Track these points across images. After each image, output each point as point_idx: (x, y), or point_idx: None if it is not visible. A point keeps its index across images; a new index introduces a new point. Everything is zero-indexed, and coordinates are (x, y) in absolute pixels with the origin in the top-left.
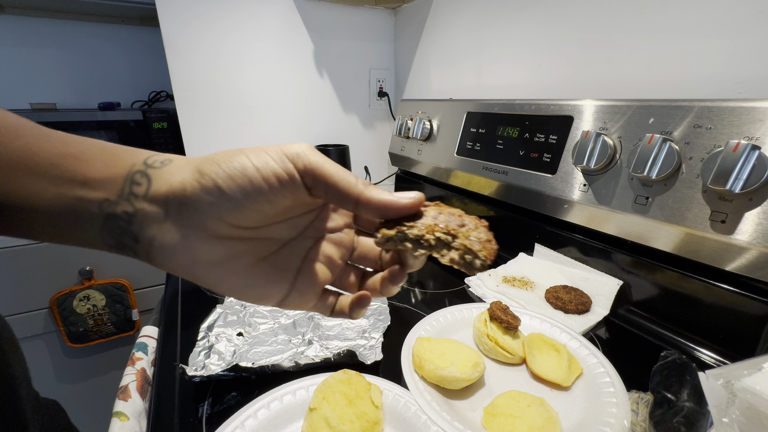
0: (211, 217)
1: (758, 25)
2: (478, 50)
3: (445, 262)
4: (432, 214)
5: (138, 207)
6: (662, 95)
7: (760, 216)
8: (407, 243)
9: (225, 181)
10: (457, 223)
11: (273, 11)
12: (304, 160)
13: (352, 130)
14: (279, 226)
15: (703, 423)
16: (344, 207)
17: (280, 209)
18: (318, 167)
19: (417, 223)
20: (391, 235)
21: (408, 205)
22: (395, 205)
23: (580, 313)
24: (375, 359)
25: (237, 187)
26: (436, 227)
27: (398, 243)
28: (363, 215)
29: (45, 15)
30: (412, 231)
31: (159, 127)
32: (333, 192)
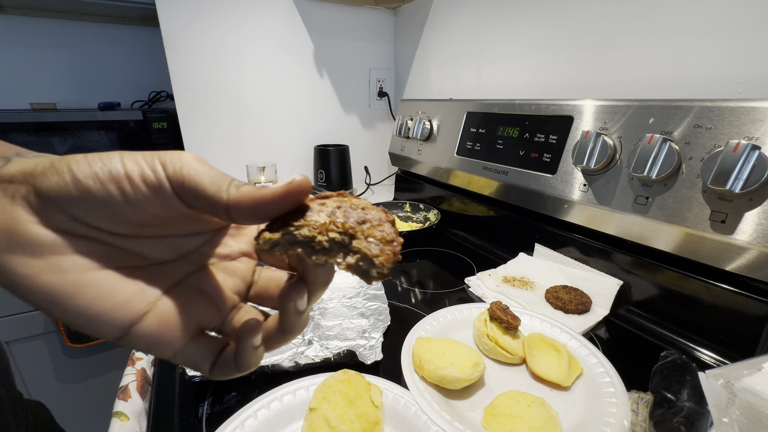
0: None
1: (758, 25)
2: (478, 50)
3: (342, 269)
4: (330, 208)
5: None
6: (662, 95)
7: (760, 216)
8: (297, 248)
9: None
10: (357, 219)
11: (273, 11)
12: (175, 165)
13: (352, 130)
14: (152, 243)
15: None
16: (218, 216)
17: (147, 218)
18: (187, 171)
19: (309, 221)
20: (275, 238)
21: (281, 194)
22: (268, 198)
23: (580, 313)
24: (375, 359)
25: (91, 174)
26: (331, 225)
27: (286, 248)
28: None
29: (45, 15)
30: (301, 231)
31: (159, 127)
32: (202, 198)
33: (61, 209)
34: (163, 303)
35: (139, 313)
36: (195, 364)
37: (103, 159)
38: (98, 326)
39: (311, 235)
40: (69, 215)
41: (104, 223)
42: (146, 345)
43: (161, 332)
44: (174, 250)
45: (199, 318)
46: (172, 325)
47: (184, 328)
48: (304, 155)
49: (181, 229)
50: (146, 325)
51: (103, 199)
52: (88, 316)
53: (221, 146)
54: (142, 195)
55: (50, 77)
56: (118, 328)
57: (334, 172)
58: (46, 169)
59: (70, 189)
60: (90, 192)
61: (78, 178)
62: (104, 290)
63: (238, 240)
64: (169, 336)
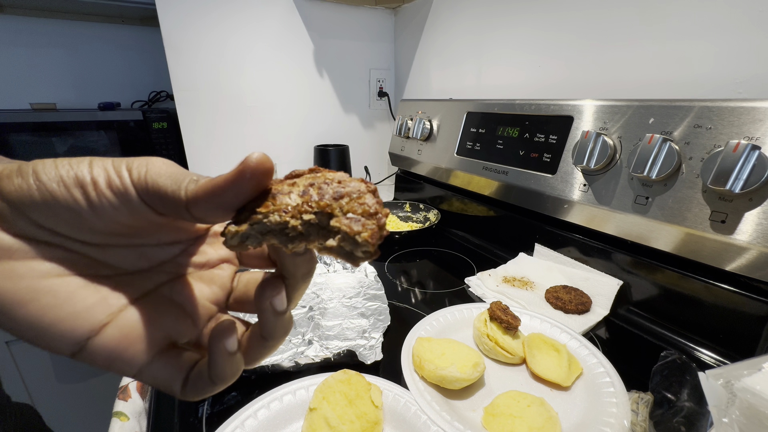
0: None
1: (758, 25)
2: (478, 50)
3: (325, 254)
4: (301, 187)
5: None
6: (662, 95)
7: (760, 216)
8: (271, 238)
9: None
10: (333, 194)
11: (273, 11)
12: (140, 170)
13: (352, 130)
14: (123, 252)
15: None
16: (183, 217)
17: (115, 226)
18: (150, 175)
19: (279, 205)
20: (242, 230)
21: (235, 176)
22: (222, 185)
23: (580, 313)
24: (375, 359)
25: (56, 178)
26: (304, 206)
27: (258, 240)
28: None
29: (45, 15)
30: (270, 218)
31: (159, 127)
32: (165, 199)
33: (22, 213)
34: (127, 313)
35: (99, 324)
36: (164, 382)
37: (72, 163)
38: (51, 338)
39: (283, 220)
40: (30, 220)
41: (69, 230)
42: (105, 360)
43: (122, 346)
44: (147, 260)
45: (168, 330)
46: (136, 337)
47: (150, 341)
48: (304, 155)
49: (155, 238)
50: (105, 337)
51: (67, 205)
52: (40, 325)
53: (221, 146)
54: (107, 201)
55: (50, 77)
56: (72, 340)
57: None
58: (11, 172)
59: (33, 192)
60: (54, 196)
61: (42, 181)
62: (61, 298)
63: (218, 247)
64: (132, 350)
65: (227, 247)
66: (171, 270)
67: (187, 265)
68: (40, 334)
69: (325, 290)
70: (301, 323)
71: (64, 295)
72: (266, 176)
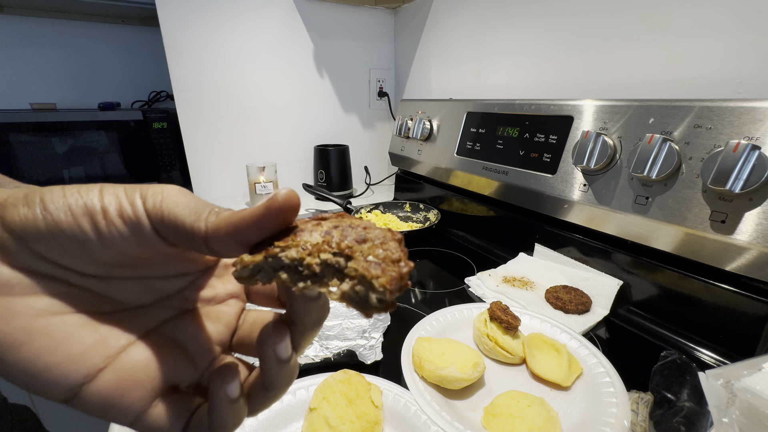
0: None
1: (758, 25)
2: (478, 50)
3: (336, 299)
4: (325, 228)
5: None
6: (662, 95)
7: (760, 216)
8: (282, 273)
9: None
10: (357, 238)
11: (273, 11)
12: (155, 198)
13: (352, 130)
14: (126, 285)
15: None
16: (199, 250)
17: (122, 257)
18: (166, 204)
19: (298, 241)
20: (257, 261)
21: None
22: (248, 220)
23: (580, 313)
24: (375, 359)
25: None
26: (324, 245)
27: (270, 275)
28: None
29: (45, 15)
30: (288, 253)
31: (159, 127)
32: (181, 230)
33: (25, 245)
34: (125, 356)
35: (95, 369)
36: (161, 429)
37: (81, 191)
38: (43, 384)
39: (300, 256)
40: (33, 252)
41: (72, 262)
42: (99, 409)
43: (118, 393)
44: (151, 294)
45: (169, 374)
46: (133, 383)
47: (149, 387)
48: (304, 155)
49: (161, 270)
50: (101, 383)
51: (74, 235)
52: (32, 370)
53: (221, 146)
54: (117, 231)
55: (50, 77)
56: (65, 387)
57: (334, 172)
58: (17, 200)
59: (38, 222)
60: (60, 227)
61: (48, 211)
62: (57, 340)
63: (226, 281)
64: (129, 398)
65: (236, 278)
66: (176, 305)
67: (193, 300)
68: (31, 379)
69: None
70: None
71: (61, 336)
72: (292, 213)
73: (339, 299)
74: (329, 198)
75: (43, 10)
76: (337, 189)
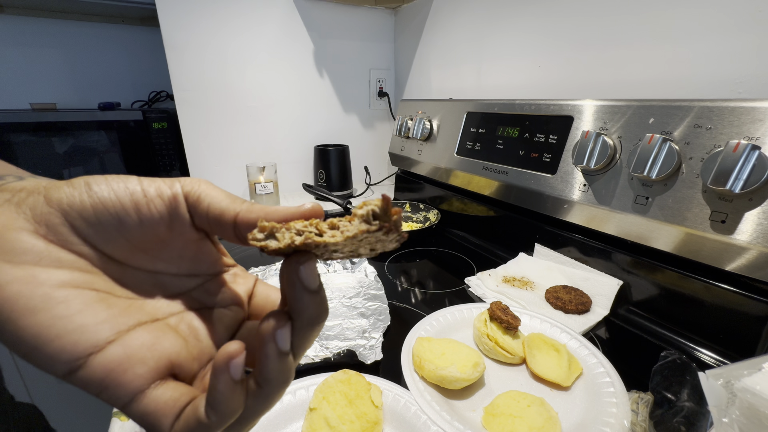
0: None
1: (758, 25)
2: (478, 50)
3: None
4: None
5: None
6: (662, 95)
7: (760, 216)
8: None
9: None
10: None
11: (273, 11)
12: (193, 184)
13: (352, 130)
14: (140, 276)
15: (703, 423)
16: (225, 231)
17: (149, 237)
18: (203, 189)
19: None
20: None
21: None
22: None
23: (580, 313)
24: (375, 359)
25: (107, 187)
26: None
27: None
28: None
29: (45, 15)
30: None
31: (159, 127)
32: (213, 212)
33: (66, 220)
34: (135, 333)
35: (104, 341)
36: (155, 414)
37: (122, 177)
38: (52, 352)
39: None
40: (72, 227)
41: (103, 240)
42: (100, 380)
43: (123, 366)
44: (161, 290)
45: (171, 359)
46: (139, 359)
47: (152, 365)
48: (304, 155)
49: (175, 266)
50: (107, 354)
51: (116, 211)
52: (45, 336)
53: (221, 146)
54: (155, 209)
55: (50, 77)
56: (73, 356)
57: (334, 172)
58: (60, 184)
59: (84, 199)
60: (104, 204)
61: (93, 190)
62: (73, 310)
63: (233, 286)
64: (131, 373)
65: (250, 239)
66: (183, 303)
67: (199, 301)
68: (41, 345)
69: (325, 290)
70: None
71: (77, 307)
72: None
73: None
74: (329, 198)
75: (43, 10)
76: (337, 189)
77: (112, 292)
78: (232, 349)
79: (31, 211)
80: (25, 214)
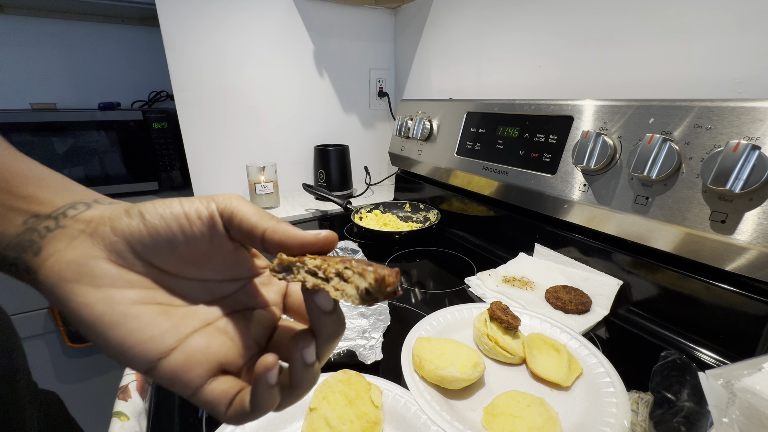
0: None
1: (758, 25)
2: (478, 50)
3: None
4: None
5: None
6: (662, 95)
7: (760, 216)
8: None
9: (147, 210)
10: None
11: (273, 11)
12: (226, 201)
13: (352, 130)
14: (191, 285)
15: (703, 423)
16: (255, 244)
17: (196, 253)
18: (235, 206)
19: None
20: (291, 261)
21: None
22: (297, 238)
23: (580, 313)
24: (375, 359)
25: (157, 215)
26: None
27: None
28: (267, 248)
29: (45, 15)
30: (312, 262)
31: (159, 127)
32: (244, 227)
33: (129, 247)
34: (191, 340)
35: (168, 348)
36: (213, 404)
37: (166, 203)
38: (132, 357)
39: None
40: (134, 252)
41: (161, 260)
42: (169, 380)
43: (185, 368)
44: (210, 294)
45: (221, 359)
46: (196, 362)
47: (207, 366)
48: (304, 155)
49: (219, 273)
50: (172, 360)
51: (166, 235)
52: (125, 346)
53: (221, 146)
54: (197, 229)
55: (50, 77)
56: (147, 360)
57: (334, 172)
58: (120, 213)
59: (141, 228)
60: (156, 230)
61: (146, 219)
62: (143, 323)
63: (268, 290)
64: (192, 374)
65: (270, 269)
66: (228, 305)
67: (241, 303)
68: (123, 353)
69: None
70: None
71: (146, 320)
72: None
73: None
74: (329, 198)
75: (43, 10)
76: (337, 189)
77: (171, 303)
78: (268, 361)
79: (102, 241)
80: (99, 244)
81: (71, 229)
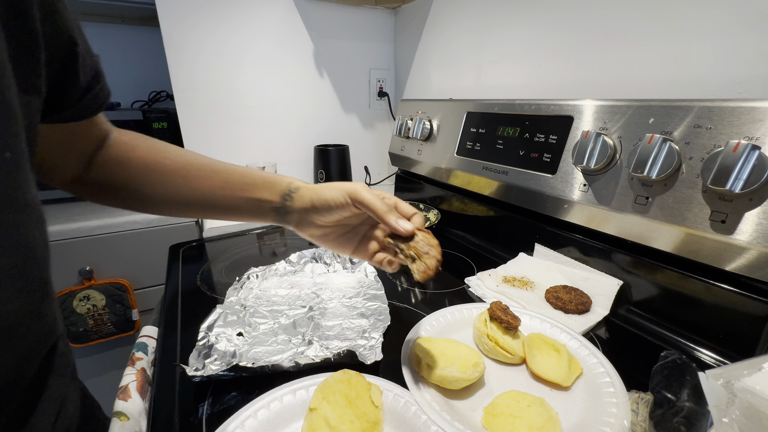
0: (313, 217)
1: (758, 25)
2: (478, 50)
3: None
4: (420, 237)
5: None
6: (662, 95)
7: (760, 216)
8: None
9: (320, 203)
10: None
11: (273, 11)
12: (354, 194)
13: (352, 130)
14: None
15: (703, 423)
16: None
17: (343, 217)
18: (361, 197)
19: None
20: (392, 242)
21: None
22: (397, 229)
23: (580, 313)
24: (375, 359)
25: (322, 206)
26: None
27: (394, 247)
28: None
29: None
30: (404, 249)
31: (159, 127)
32: (368, 211)
33: (303, 216)
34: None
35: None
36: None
37: (318, 192)
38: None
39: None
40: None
41: (322, 220)
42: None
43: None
44: (354, 233)
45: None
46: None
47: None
48: (304, 155)
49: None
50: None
51: (330, 206)
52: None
53: (221, 146)
54: (341, 204)
55: None
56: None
57: (334, 172)
58: (311, 191)
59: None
60: (316, 207)
61: (320, 195)
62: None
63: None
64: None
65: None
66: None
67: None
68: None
69: (325, 290)
70: (301, 323)
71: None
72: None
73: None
74: None
75: None
76: None
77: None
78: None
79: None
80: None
81: (297, 194)
